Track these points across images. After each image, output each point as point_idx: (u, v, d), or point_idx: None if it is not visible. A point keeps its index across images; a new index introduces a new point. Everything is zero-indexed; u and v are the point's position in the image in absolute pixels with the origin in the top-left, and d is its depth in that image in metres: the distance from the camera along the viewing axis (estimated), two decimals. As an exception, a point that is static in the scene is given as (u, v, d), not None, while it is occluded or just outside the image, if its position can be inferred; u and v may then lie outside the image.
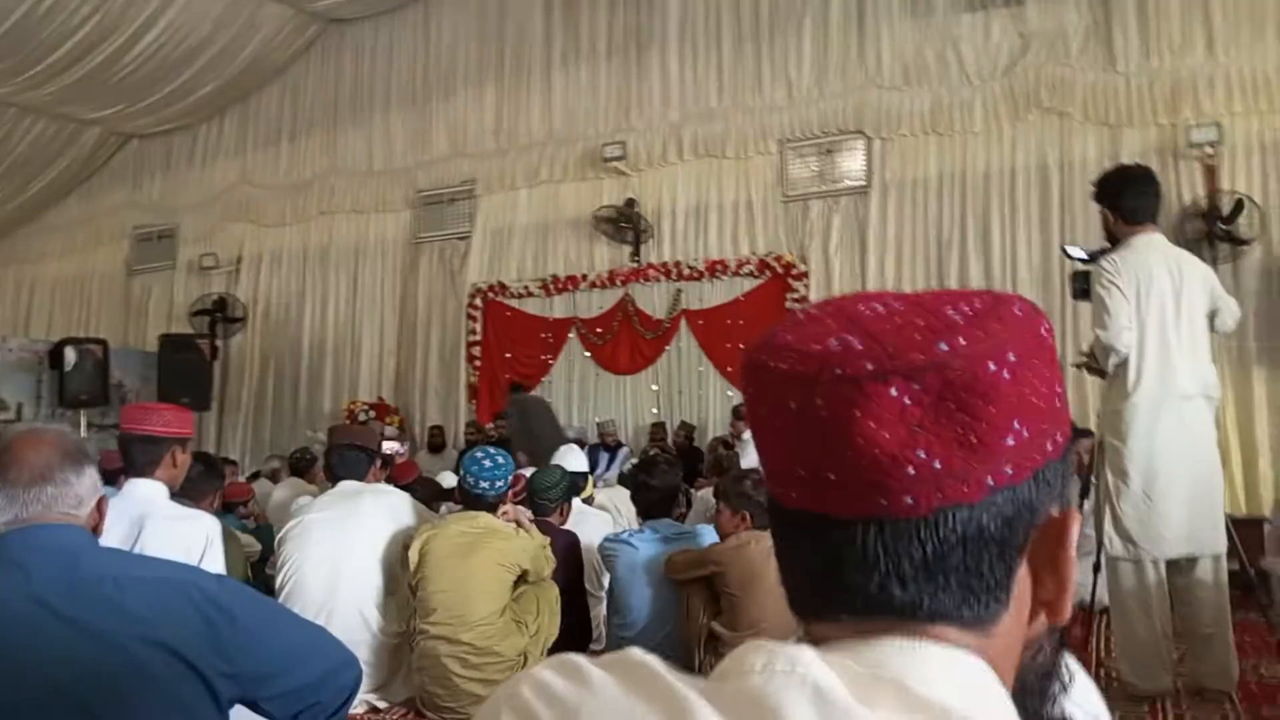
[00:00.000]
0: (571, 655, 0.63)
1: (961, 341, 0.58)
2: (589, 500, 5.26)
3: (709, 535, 3.89)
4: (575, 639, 4.02)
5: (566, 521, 4.45)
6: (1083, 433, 5.15)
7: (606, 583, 4.22)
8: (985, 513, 0.59)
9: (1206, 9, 8.06)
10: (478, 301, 10.71)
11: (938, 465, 0.57)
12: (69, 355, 10.12)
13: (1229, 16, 7.98)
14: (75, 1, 9.71)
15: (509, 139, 10.89)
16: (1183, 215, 7.58)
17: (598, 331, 10.19)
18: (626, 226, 9.87)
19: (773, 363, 0.61)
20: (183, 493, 3.13)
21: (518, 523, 3.93)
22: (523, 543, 3.79)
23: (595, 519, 4.86)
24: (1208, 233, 7.43)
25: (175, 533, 2.67)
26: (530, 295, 10.50)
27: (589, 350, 10.26)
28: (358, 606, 3.84)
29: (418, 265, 11.28)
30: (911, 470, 0.57)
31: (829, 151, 9.40)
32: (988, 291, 0.64)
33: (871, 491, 0.58)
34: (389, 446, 5.57)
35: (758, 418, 0.64)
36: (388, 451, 5.31)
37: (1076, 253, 4.24)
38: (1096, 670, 4.14)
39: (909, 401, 0.57)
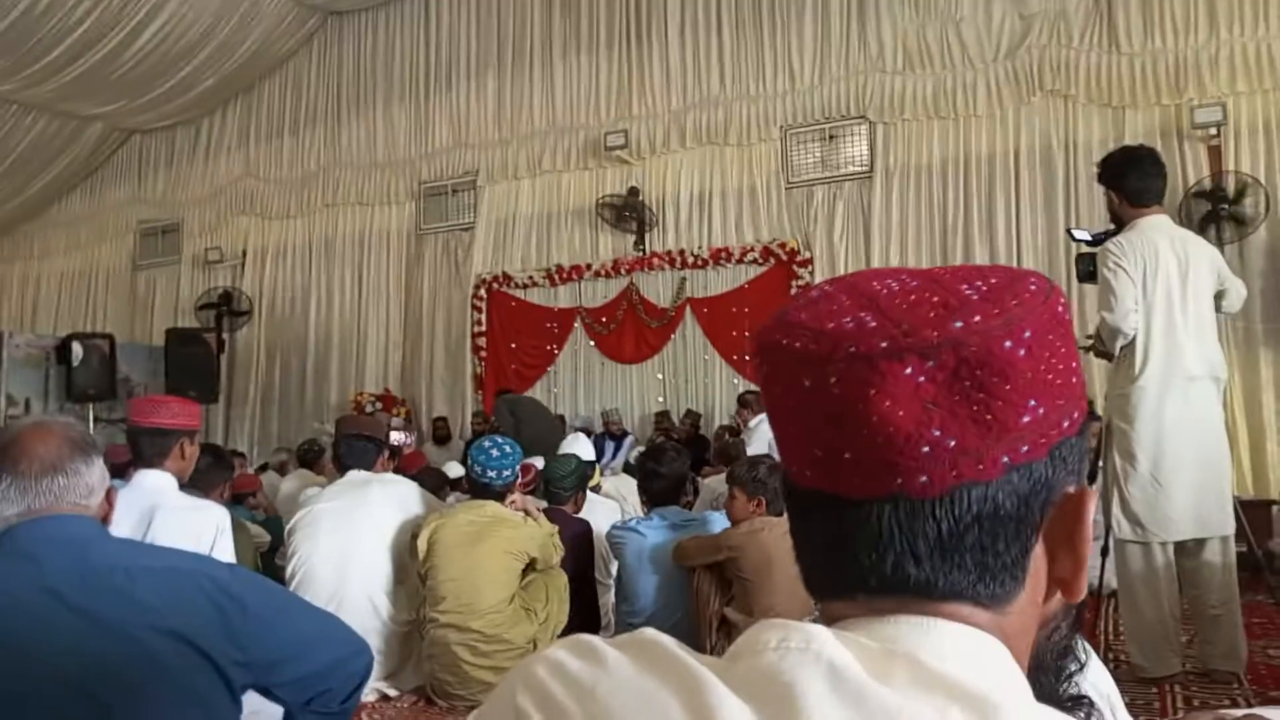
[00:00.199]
0: (585, 635, 0.63)
1: (977, 319, 0.57)
2: (596, 489, 5.27)
3: (718, 522, 3.89)
4: (584, 626, 4.02)
5: (580, 510, 4.46)
6: (1090, 416, 5.14)
7: (615, 570, 4.23)
8: (1001, 491, 0.59)
9: (1209, -14, 8.02)
10: (482, 292, 10.72)
11: (953, 443, 0.57)
12: (76, 350, 10.14)
13: (1231, -5, 7.94)
14: (74, -3, 9.71)
15: (511, 129, 10.88)
16: (1187, 196, 7.54)
17: (602, 321, 10.19)
18: (630, 215, 9.85)
19: (786, 341, 0.61)
20: (192, 484, 3.14)
21: (526, 511, 3.93)
22: (531, 531, 3.80)
23: (603, 507, 4.87)
24: (1213, 213, 7.40)
25: (185, 523, 2.68)
26: (535, 285, 10.50)
27: (594, 340, 10.27)
28: (368, 595, 3.84)
29: (422, 257, 11.29)
30: (926, 449, 0.57)
31: (832, 137, 9.38)
32: (1003, 267, 0.63)
33: (886, 470, 0.58)
34: (396, 437, 5.58)
35: (772, 397, 0.64)
36: (395, 442, 5.32)
37: (1081, 235, 4.21)
38: (1105, 653, 4.14)
39: (924, 379, 0.57)
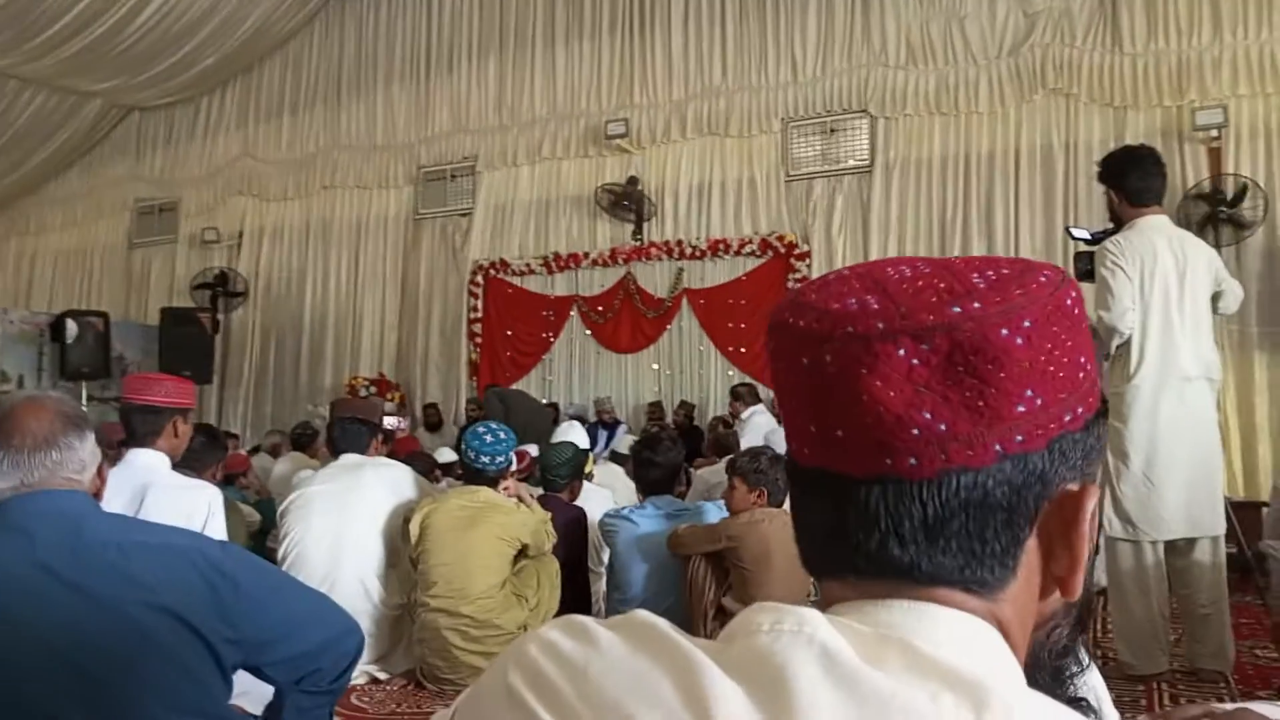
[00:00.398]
0: (578, 616, 0.63)
1: (976, 305, 0.58)
2: (589, 477, 5.26)
3: (713, 513, 3.90)
4: (574, 613, 4.02)
5: (577, 498, 4.47)
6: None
7: (606, 558, 4.24)
8: (992, 478, 0.58)
9: (1214, -10, 8.01)
10: (479, 278, 10.69)
11: (943, 427, 0.57)
12: (70, 328, 10.10)
13: (1235, -2, 7.93)
14: (76, -28, 9.68)
15: (511, 115, 10.84)
16: (1186, 198, 7.55)
17: (599, 310, 10.17)
18: (629, 204, 9.83)
19: (792, 319, 0.62)
20: (185, 463, 3.14)
21: (519, 498, 3.94)
22: (523, 517, 3.80)
23: (596, 495, 4.87)
24: (1211, 215, 7.41)
25: (178, 502, 2.68)
26: (532, 273, 10.48)
27: (590, 328, 10.25)
28: (359, 578, 3.85)
29: (419, 241, 11.25)
30: (916, 431, 0.57)
31: (832, 130, 9.35)
32: (1019, 259, 0.63)
33: (876, 450, 0.58)
34: (390, 421, 5.57)
35: (776, 373, 0.65)
36: (389, 426, 5.31)
37: (1080, 234, 4.21)
38: (1094, 651, 4.15)
39: (916, 362, 0.57)
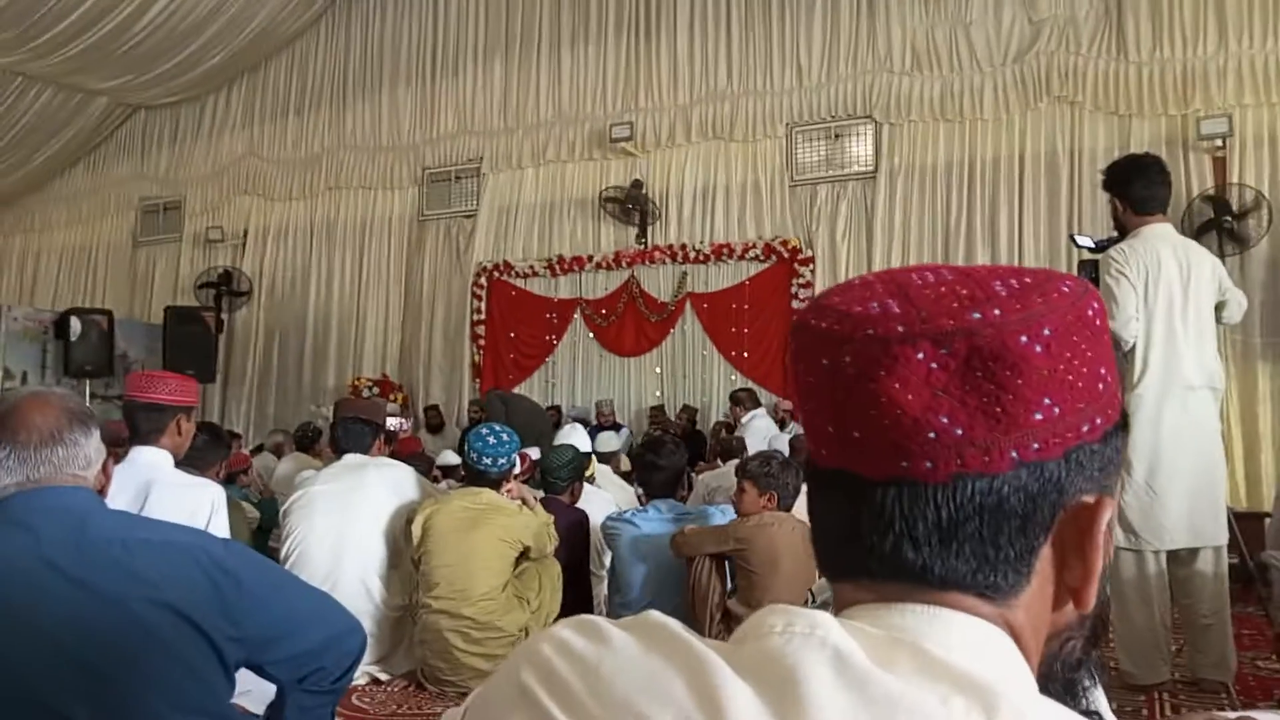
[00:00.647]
0: (590, 616, 0.64)
1: (996, 312, 0.58)
2: (591, 479, 5.26)
3: (716, 516, 3.90)
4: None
5: (578, 501, 4.46)
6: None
7: (608, 561, 4.23)
8: (1007, 485, 0.59)
9: (1219, -1, 8.02)
10: (483, 280, 10.70)
11: (959, 432, 0.57)
12: (74, 325, 10.11)
13: (1241, 7, 7.92)
14: (83, -30, 9.70)
15: (516, 117, 10.85)
16: (1191, 205, 7.54)
17: (602, 313, 10.17)
18: (633, 208, 9.83)
19: (814, 321, 0.63)
20: (188, 461, 3.14)
21: (523, 500, 3.93)
22: (525, 519, 3.80)
23: (598, 498, 4.87)
24: (1215, 222, 7.40)
25: (181, 499, 2.68)
26: (535, 275, 10.49)
27: (593, 331, 10.26)
28: (361, 578, 3.85)
29: (423, 242, 11.26)
30: (933, 435, 0.57)
31: (837, 136, 9.36)
32: (1042, 269, 0.64)
33: (893, 452, 0.59)
34: (392, 422, 5.58)
35: (797, 375, 0.65)
36: (391, 427, 5.32)
37: (1084, 241, 4.22)
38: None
39: (935, 366, 0.57)
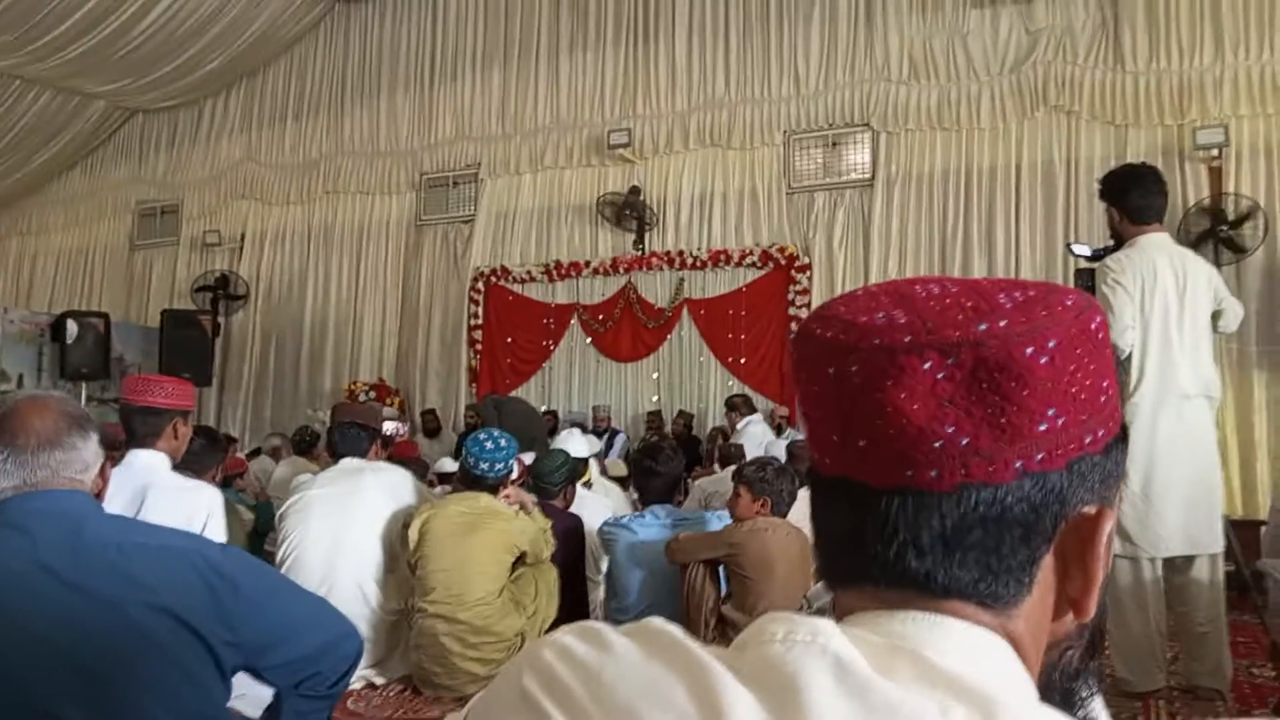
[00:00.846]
0: (592, 622, 0.64)
1: (1002, 323, 0.59)
2: (589, 485, 5.26)
3: (713, 522, 3.90)
4: (572, 621, 4.01)
5: (571, 505, 4.46)
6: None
7: (605, 567, 4.23)
8: (1011, 495, 0.59)
9: (1215, 10, 8.05)
10: (480, 285, 10.70)
11: (965, 442, 0.58)
12: (71, 328, 10.10)
13: (1238, 18, 7.97)
14: (82, -26, 9.70)
15: (514, 123, 10.86)
16: (1187, 215, 7.56)
17: (599, 319, 10.18)
18: (630, 214, 9.84)
19: (819, 330, 0.63)
20: (185, 465, 3.13)
21: (521, 505, 3.93)
22: (522, 525, 3.79)
23: (595, 503, 4.87)
24: (1211, 231, 7.42)
25: (177, 503, 2.68)
26: (533, 280, 10.49)
27: (590, 337, 10.26)
28: (357, 582, 3.84)
29: (421, 248, 11.27)
30: (938, 444, 0.58)
31: (834, 144, 9.39)
32: (1045, 282, 0.64)
33: (898, 461, 0.59)
34: (389, 426, 5.56)
35: (801, 383, 0.66)
36: (388, 432, 5.31)
37: (1081, 250, 4.22)
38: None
39: (941, 376, 0.58)
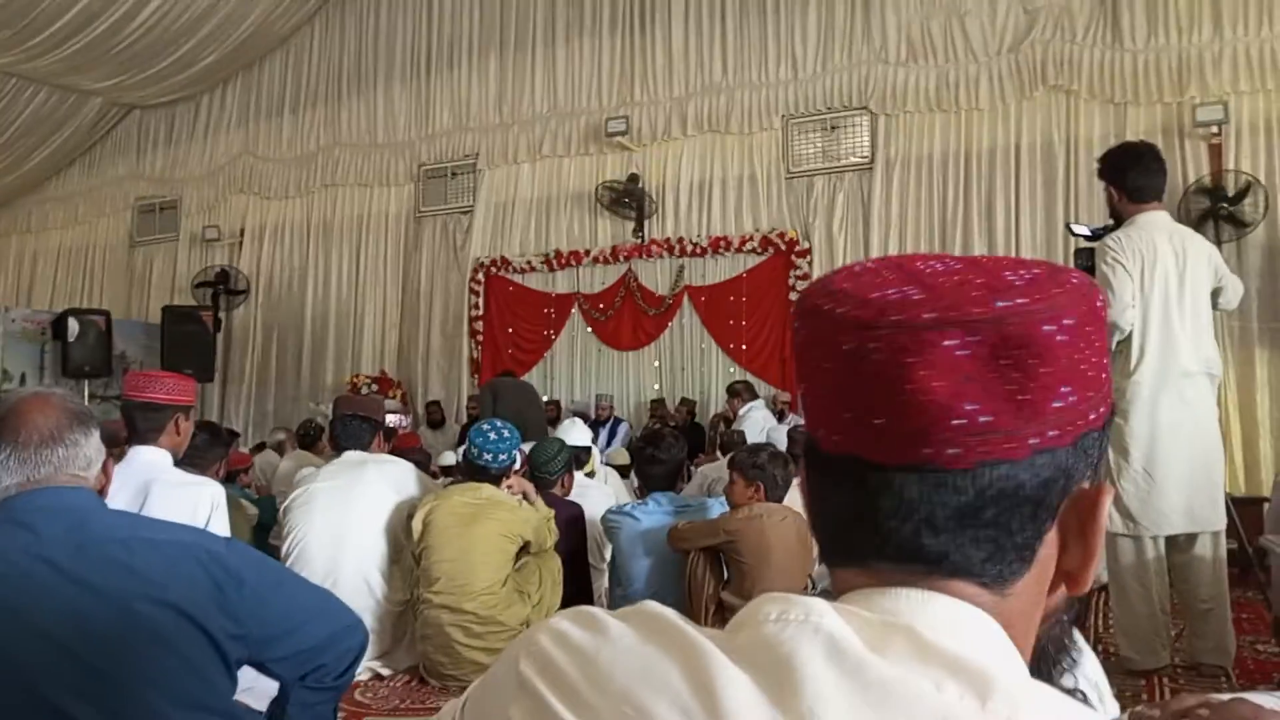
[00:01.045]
0: (588, 607, 0.64)
1: (1021, 300, 0.59)
2: (592, 474, 5.27)
3: (715, 508, 3.92)
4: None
5: (570, 493, 4.47)
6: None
7: (608, 555, 4.24)
8: (1024, 472, 0.60)
9: (1214, -14, 8.00)
10: (480, 276, 10.69)
11: (985, 419, 0.58)
12: (72, 326, 10.10)
13: (1235, -6, 7.93)
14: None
15: (512, 112, 10.83)
16: (1187, 193, 7.55)
17: (600, 307, 10.17)
18: (629, 202, 9.83)
19: (829, 306, 0.62)
20: (188, 460, 3.14)
21: (524, 495, 3.94)
22: (525, 514, 3.81)
23: (597, 492, 4.88)
24: (1212, 211, 7.41)
25: (181, 498, 2.68)
26: (533, 270, 10.48)
27: (591, 326, 10.25)
28: (362, 574, 3.85)
29: (420, 239, 11.25)
30: (959, 421, 0.58)
31: (833, 128, 9.35)
32: (1041, 261, 0.65)
33: (917, 439, 0.59)
34: (392, 419, 5.57)
35: (807, 360, 0.65)
36: (391, 424, 5.32)
37: (1081, 230, 4.23)
38: (1095, 645, 4.16)
39: (964, 353, 0.58)
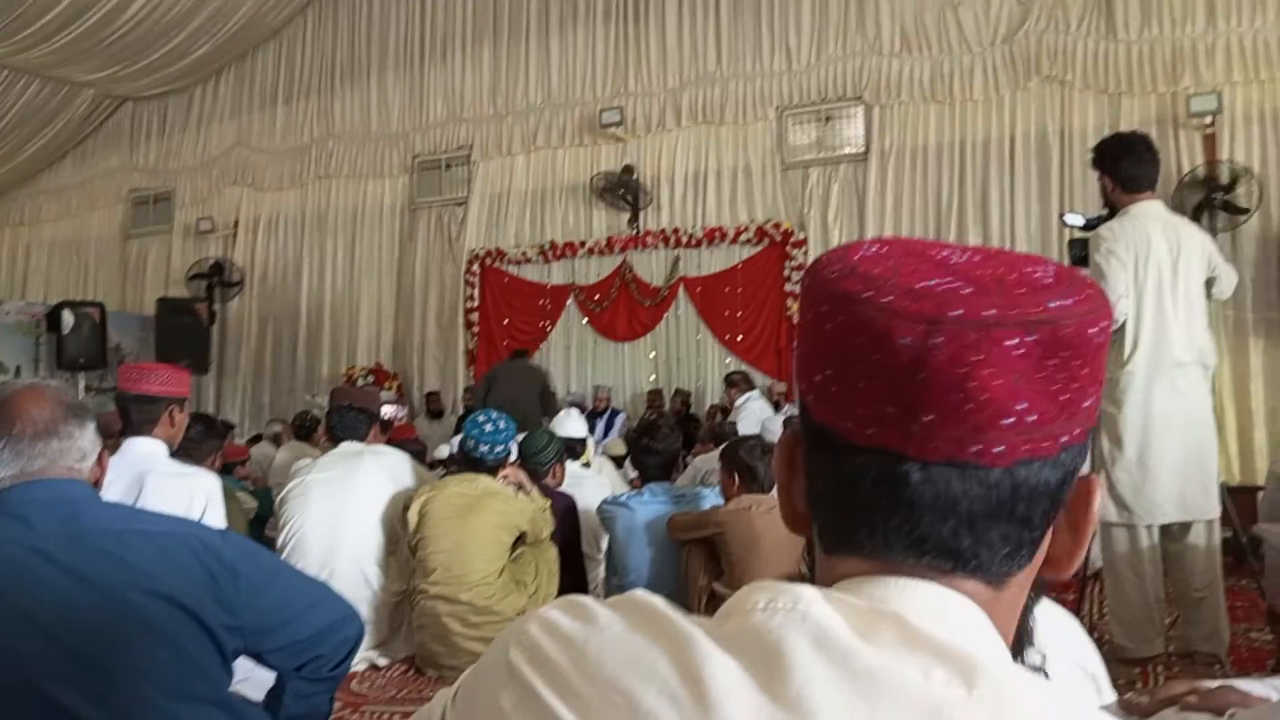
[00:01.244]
0: (578, 596, 0.64)
1: (1069, 301, 0.59)
2: (588, 465, 5.27)
3: (709, 498, 3.92)
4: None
5: (562, 483, 4.47)
6: None
7: (605, 545, 4.25)
8: (1052, 469, 0.60)
9: (1208, -24, 8.00)
10: (475, 268, 10.69)
11: (1031, 419, 0.58)
12: (66, 318, 10.09)
13: (1230, -16, 7.92)
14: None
15: (506, 104, 10.81)
16: (1181, 184, 7.55)
17: (596, 298, 10.17)
18: (624, 193, 9.82)
19: (867, 293, 0.60)
20: (184, 452, 3.14)
21: (520, 485, 3.94)
22: (521, 505, 3.81)
23: (593, 482, 4.88)
24: (1206, 201, 7.41)
25: (176, 490, 2.68)
26: (528, 261, 10.48)
27: (587, 317, 10.26)
28: (358, 565, 3.86)
29: (415, 231, 11.24)
30: (1008, 421, 0.58)
31: (828, 118, 9.34)
32: (1046, 258, 0.64)
33: (968, 436, 0.58)
34: (387, 410, 5.56)
35: (844, 348, 0.61)
36: (387, 415, 5.31)
37: (1075, 220, 4.22)
38: (1089, 633, 4.17)
39: (1020, 353, 0.57)
